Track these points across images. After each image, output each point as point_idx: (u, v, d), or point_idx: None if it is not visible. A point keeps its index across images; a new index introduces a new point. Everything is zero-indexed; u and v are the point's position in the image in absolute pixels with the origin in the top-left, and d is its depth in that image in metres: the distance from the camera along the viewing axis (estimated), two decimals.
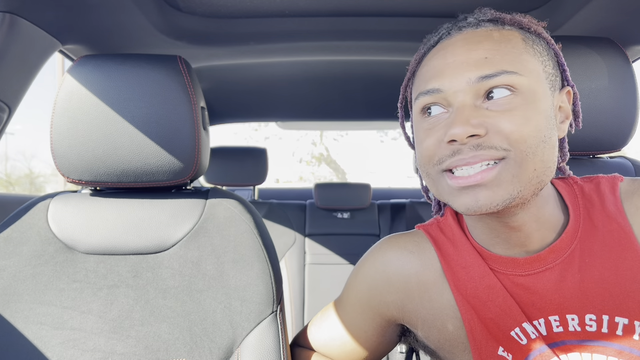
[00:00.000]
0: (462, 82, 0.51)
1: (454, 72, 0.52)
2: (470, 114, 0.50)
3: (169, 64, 0.75)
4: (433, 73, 0.54)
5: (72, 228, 0.75)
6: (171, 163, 0.74)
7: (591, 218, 0.56)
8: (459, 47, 0.53)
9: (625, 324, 0.51)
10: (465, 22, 0.56)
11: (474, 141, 0.50)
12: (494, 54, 0.51)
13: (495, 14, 0.55)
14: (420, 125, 0.56)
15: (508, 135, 0.49)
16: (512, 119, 0.49)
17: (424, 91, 0.54)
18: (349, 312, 0.70)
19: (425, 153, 0.54)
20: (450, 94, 0.52)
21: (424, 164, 0.56)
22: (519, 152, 0.49)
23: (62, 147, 0.73)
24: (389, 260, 0.65)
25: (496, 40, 0.52)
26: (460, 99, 0.51)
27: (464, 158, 0.50)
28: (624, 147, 0.83)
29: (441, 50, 0.55)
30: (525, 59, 0.52)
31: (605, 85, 0.78)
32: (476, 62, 0.51)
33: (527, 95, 0.50)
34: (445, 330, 0.61)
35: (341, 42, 1.21)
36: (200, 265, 0.73)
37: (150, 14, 1.01)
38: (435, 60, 0.55)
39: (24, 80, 0.92)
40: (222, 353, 0.68)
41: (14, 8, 0.82)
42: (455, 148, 0.51)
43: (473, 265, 0.59)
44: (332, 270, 1.93)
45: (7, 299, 0.70)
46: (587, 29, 1.04)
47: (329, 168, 13.33)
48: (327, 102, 1.89)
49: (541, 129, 0.50)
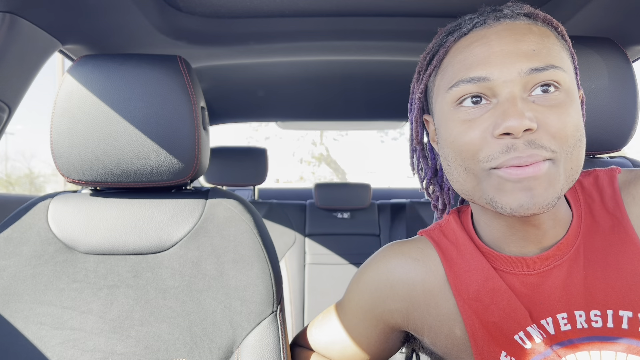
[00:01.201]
0: (513, 72, 0.49)
1: (503, 61, 0.49)
2: (523, 107, 0.48)
3: (169, 64, 0.75)
4: (476, 60, 0.50)
5: (72, 228, 0.75)
6: (171, 163, 0.74)
7: (592, 213, 0.56)
8: (505, 37, 0.50)
9: (629, 317, 0.51)
10: (502, 13, 0.53)
11: (528, 136, 0.47)
12: (540, 48, 0.50)
13: (530, 9, 0.54)
14: (455, 115, 0.52)
15: (555, 134, 0.47)
16: (558, 116, 0.48)
17: (466, 79, 0.50)
18: (350, 319, 0.69)
19: (468, 147, 0.50)
20: (500, 83, 0.49)
21: (465, 158, 0.51)
22: (563, 151, 0.48)
23: (62, 147, 0.73)
24: (393, 268, 0.64)
25: (538, 34, 0.51)
26: (510, 89, 0.49)
27: (520, 157, 0.47)
28: (624, 147, 0.83)
29: (482, 37, 0.52)
30: (563, 56, 0.51)
31: (605, 85, 0.78)
32: (526, 53, 0.49)
33: (569, 92, 0.50)
34: (453, 336, 0.60)
35: (341, 42, 1.21)
36: (200, 265, 0.73)
37: (150, 14, 1.01)
38: (476, 47, 0.51)
39: (24, 80, 0.92)
40: (222, 353, 0.68)
41: (14, 8, 0.82)
42: (509, 143, 0.48)
43: (477, 268, 0.59)
44: (332, 270, 1.93)
45: (7, 299, 0.70)
46: (587, 29, 1.04)
47: (329, 168, 13.33)
48: (327, 102, 1.89)
49: (579, 127, 0.50)
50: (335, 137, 13.47)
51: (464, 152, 0.51)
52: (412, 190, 2.71)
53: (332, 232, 2.00)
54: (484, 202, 0.52)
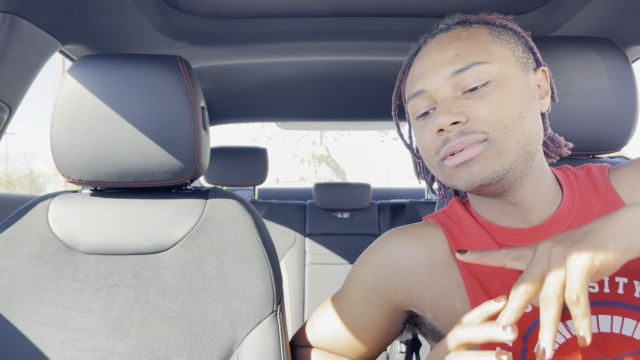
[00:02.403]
0: (440, 79, 0.58)
1: (431, 72, 0.59)
2: (451, 105, 0.57)
3: (169, 64, 0.75)
4: (416, 77, 0.62)
5: (73, 228, 0.76)
6: (171, 163, 0.74)
7: (586, 196, 0.62)
8: (433, 51, 0.61)
9: (625, 283, 0.55)
10: (437, 28, 0.64)
11: (457, 128, 0.56)
12: (463, 51, 0.58)
13: (462, 17, 0.63)
14: (417, 124, 0.63)
15: (486, 120, 0.55)
16: (487, 104, 0.55)
17: (412, 94, 0.62)
18: (353, 303, 0.70)
19: (425, 147, 0.61)
20: (432, 91, 0.59)
21: (426, 157, 0.62)
22: (498, 132, 0.55)
23: (63, 147, 0.73)
24: (397, 246, 0.67)
25: (464, 38, 0.60)
26: (441, 93, 0.59)
27: (452, 145, 0.56)
28: (623, 147, 0.83)
29: (420, 56, 0.63)
30: (492, 49, 0.58)
31: (604, 86, 0.78)
32: (449, 60, 0.58)
33: (499, 79, 0.56)
34: (453, 309, 0.63)
35: (341, 42, 1.21)
36: (200, 265, 0.73)
37: (150, 14, 1.01)
38: (416, 66, 0.63)
39: (24, 80, 0.92)
40: (222, 353, 0.68)
41: (14, 8, 0.83)
42: (444, 137, 0.57)
43: (479, 241, 0.63)
44: (332, 270, 1.93)
45: (7, 298, 0.70)
46: (587, 29, 1.05)
47: (329, 168, 13.33)
48: (327, 102, 1.89)
49: (516, 107, 0.56)
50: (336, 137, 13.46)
51: (424, 151, 0.62)
52: (412, 190, 2.71)
53: (332, 232, 2.00)
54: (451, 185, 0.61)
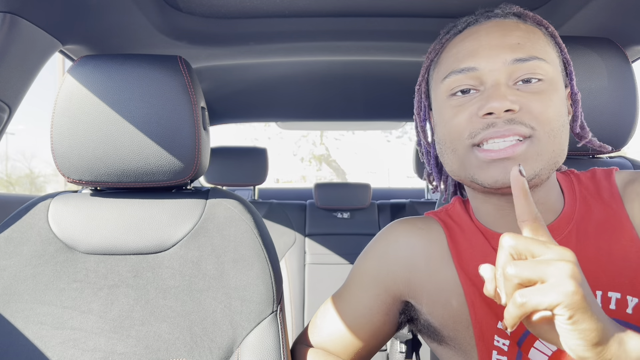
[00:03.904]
0: (498, 62, 0.55)
1: (490, 53, 0.55)
2: (506, 92, 0.53)
3: (169, 64, 0.75)
4: (466, 53, 0.57)
5: (73, 228, 0.76)
6: (171, 163, 0.74)
7: (587, 203, 0.60)
8: (492, 32, 0.57)
9: (618, 298, 0.54)
10: (493, 12, 0.60)
11: (508, 116, 0.53)
12: (525, 41, 0.55)
13: (520, 10, 0.60)
14: (448, 103, 0.59)
15: (537, 116, 0.53)
16: (540, 101, 0.53)
17: (458, 69, 0.57)
18: (354, 292, 0.71)
19: (456, 129, 0.57)
20: (486, 72, 0.55)
21: (452, 139, 0.58)
22: (544, 132, 0.53)
23: (63, 147, 0.73)
24: (398, 235, 0.69)
25: (524, 30, 0.57)
26: (495, 77, 0.55)
27: (498, 130, 0.53)
28: (623, 147, 0.83)
29: (473, 33, 0.58)
30: (548, 51, 0.57)
31: (604, 86, 0.78)
32: (510, 46, 0.55)
33: (552, 82, 0.55)
34: (449, 306, 0.63)
35: (341, 42, 1.21)
36: (200, 265, 0.73)
37: (150, 14, 1.01)
38: (467, 42, 0.58)
39: (24, 81, 0.92)
40: (222, 353, 0.68)
41: (14, 8, 0.82)
42: (490, 121, 0.54)
43: (477, 245, 0.63)
44: (332, 270, 1.93)
45: (7, 298, 0.70)
46: (587, 29, 1.05)
47: (330, 168, 13.33)
48: (327, 103, 1.89)
49: (562, 114, 0.55)
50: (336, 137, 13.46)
51: (453, 132, 0.58)
52: (412, 190, 2.71)
53: (332, 232, 2.00)
54: (468, 180, 0.58)
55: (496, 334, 0.58)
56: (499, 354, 0.58)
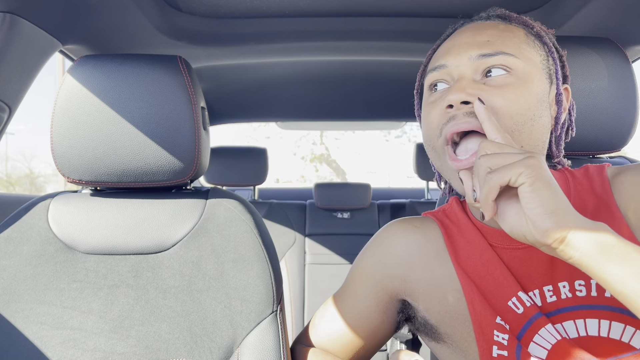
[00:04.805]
0: (464, 58, 0.58)
1: (458, 50, 0.59)
2: (467, 85, 0.56)
3: (169, 64, 0.75)
4: (442, 52, 0.61)
5: (73, 228, 0.76)
6: (171, 163, 0.74)
7: (581, 197, 0.61)
8: (466, 32, 0.61)
9: None
10: (478, 16, 0.64)
11: (467, 108, 0.55)
12: (495, 39, 0.58)
13: (504, 12, 0.63)
14: (427, 100, 0.62)
15: (497, 110, 0.54)
16: (503, 95, 0.55)
17: (432, 68, 0.62)
18: (351, 291, 0.72)
19: (430, 125, 0.60)
20: (453, 68, 0.59)
21: (429, 137, 0.61)
22: (505, 127, 0.54)
23: (63, 147, 0.73)
24: (394, 234, 0.70)
25: (501, 30, 0.60)
26: (461, 71, 0.58)
27: (457, 123, 0.55)
28: (623, 147, 0.83)
29: (453, 36, 0.63)
30: (524, 48, 0.58)
31: (604, 85, 0.78)
32: (479, 43, 0.58)
33: (521, 76, 0.56)
34: (445, 302, 0.64)
35: (341, 42, 1.21)
36: (200, 265, 0.73)
37: (150, 14, 1.01)
38: (445, 44, 0.63)
39: (24, 81, 0.92)
40: (222, 353, 0.68)
41: (14, 8, 0.83)
42: (451, 114, 0.56)
43: (474, 242, 0.64)
44: (332, 270, 1.93)
45: (7, 298, 0.70)
46: (587, 29, 1.05)
47: (330, 168, 13.33)
48: (327, 103, 1.89)
49: (530, 107, 0.55)
50: (336, 137, 13.46)
51: (429, 129, 0.60)
52: (412, 190, 2.71)
53: (332, 232, 2.00)
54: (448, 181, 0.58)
55: (495, 329, 0.59)
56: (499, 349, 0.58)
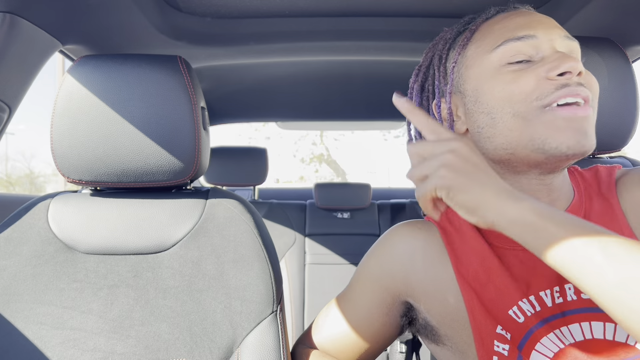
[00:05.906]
0: (555, 33, 0.57)
1: (546, 26, 0.57)
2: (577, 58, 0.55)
3: (169, 64, 0.75)
4: (520, 24, 0.57)
5: (73, 228, 0.76)
6: (171, 163, 0.74)
7: (590, 198, 0.62)
8: (534, 13, 0.59)
9: None
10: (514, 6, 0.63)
11: (578, 79, 0.54)
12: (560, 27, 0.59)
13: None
14: (502, 70, 0.57)
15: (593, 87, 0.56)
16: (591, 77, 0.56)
17: (514, 37, 0.57)
18: (354, 292, 0.72)
19: (521, 90, 0.55)
20: (545, 41, 0.56)
21: (516, 102, 0.55)
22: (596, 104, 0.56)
23: (63, 147, 0.73)
24: (398, 236, 0.70)
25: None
26: (554, 45, 0.57)
27: (572, 89, 0.53)
28: (623, 147, 0.83)
29: (515, 14, 0.59)
30: None
31: (605, 86, 0.78)
32: (556, 26, 0.58)
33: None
34: (446, 304, 0.63)
35: (341, 42, 1.21)
36: (200, 265, 0.73)
37: (150, 14, 1.01)
38: (516, 17, 0.59)
39: (24, 80, 0.92)
40: (222, 353, 0.68)
41: (14, 8, 0.82)
42: (563, 82, 0.53)
43: (475, 250, 0.63)
44: (332, 270, 1.93)
45: (7, 299, 0.70)
46: (587, 29, 1.05)
47: (330, 168, 13.32)
48: (328, 103, 1.89)
49: None
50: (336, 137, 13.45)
51: (516, 95, 0.55)
52: (412, 190, 2.71)
53: (332, 232, 2.00)
54: (532, 146, 0.55)
55: (496, 339, 0.58)
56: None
